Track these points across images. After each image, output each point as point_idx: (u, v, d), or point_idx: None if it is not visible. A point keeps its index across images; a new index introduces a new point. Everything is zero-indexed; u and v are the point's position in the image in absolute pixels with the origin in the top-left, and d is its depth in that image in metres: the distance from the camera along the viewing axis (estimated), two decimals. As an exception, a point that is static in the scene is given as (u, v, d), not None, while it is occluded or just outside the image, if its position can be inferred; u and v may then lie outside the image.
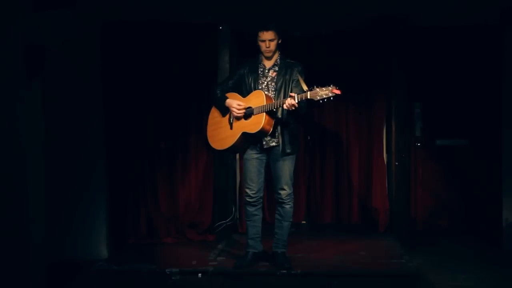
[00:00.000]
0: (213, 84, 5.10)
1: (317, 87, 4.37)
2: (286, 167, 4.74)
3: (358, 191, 6.32)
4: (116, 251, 5.58)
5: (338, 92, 4.33)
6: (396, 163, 5.84)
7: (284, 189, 4.77)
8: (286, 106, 4.45)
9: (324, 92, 4.33)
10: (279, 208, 4.84)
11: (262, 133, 4.61)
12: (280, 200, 4.81)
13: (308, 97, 4.38)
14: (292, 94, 4.47)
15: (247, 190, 4.86)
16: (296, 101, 4.42)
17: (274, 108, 4.57)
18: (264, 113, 4.56)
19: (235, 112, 4.70)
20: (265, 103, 4.57)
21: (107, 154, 5.79)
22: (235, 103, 4.72)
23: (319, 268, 4.83)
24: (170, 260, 5.09)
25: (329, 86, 4.34)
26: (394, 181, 5.93)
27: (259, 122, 4.59)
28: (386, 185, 6.23)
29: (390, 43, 5.93)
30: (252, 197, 4.85)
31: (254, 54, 4.92)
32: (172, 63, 5.97)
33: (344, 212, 6.33)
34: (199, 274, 4.71)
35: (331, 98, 4.35)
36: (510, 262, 5.27)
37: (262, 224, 5.02)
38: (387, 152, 6.25)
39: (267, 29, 4.67)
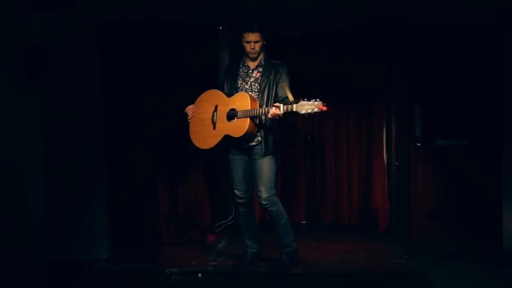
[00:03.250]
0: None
1: (303, 99, 4.29)
2: (264, 168, 4.62)
3: (358, 191, 6.32)
4: (116, 251, 5.58)
5: (324, 108, 4.26)
6: (396, 163, 5.84)
7: (260, 191, 4.62)
8: (271, 115, 4.40)
9: (310, 107, 4.25)
10: (267, 213, 4.80)
11: (245, 137, 4.57)
12: (261, 204, 4.68)
13: (294, 109, 4.31)
14: (277, 104, 4.40)
15: (236, 191, 4.82)
16: (282, 112, 4.36)
17: (258, 115, 4.50)
18: (248, 118, 4.50)
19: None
20: (249, 107, 4.49)
21: (108, 154, 5.80)
22: (188, 109, 4.86)
23: (319, 268, 4.83)
24: (170, 260, 5.08)
25: (316, 100, 4.26)
26: (394, 181, 5.93)
27: (242, 127, 4.52)
28: (386, 185, 6.23)
29: (390, 43, 5.93)
30: (241, 198, 4.80)
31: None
32: (172, 62, 5.97)
33: (344, 212, 6.32)
34: (199, 274, 4.71)
35: (317, 114, 4.29)
36: (510, 262, 5.27)
37: (262, 224, 5.02)
38: (387, 152, 6.25)
39: (252, 31, 4.59)
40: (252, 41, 4.63)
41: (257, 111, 4.48)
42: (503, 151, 5.77)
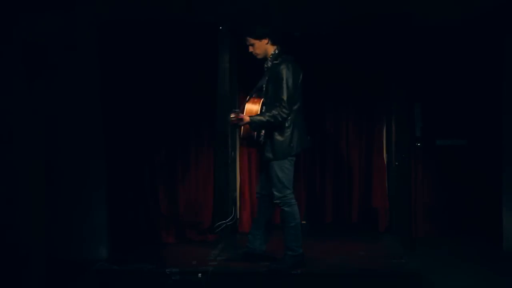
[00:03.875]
0: None
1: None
2: (272, 172, 4.71)
3: (358, 191, 6.32)
4: (116, 251, 5.58)
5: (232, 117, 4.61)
6: (396, 163, 5.84)
7: (273, 192, 4.73)
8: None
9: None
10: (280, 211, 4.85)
11: (244, 139, 4.81)
12: (275, 202, 4.79)
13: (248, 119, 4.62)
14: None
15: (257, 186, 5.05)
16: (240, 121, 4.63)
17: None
18: None
19: None
20: (245, 111, 4.73)
21: (107, 154, 5.79)
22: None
23: (319, 268, 4.83)
24: (170, 260, 5.09)
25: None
26: (394, 181, 5.93)
27: (240, 130, 4.80)
28: (386, 185, 6.23)
29: (390, 43, 5.92)
30: (257, 193, 4.98)
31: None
32: (171, 62, 5.97)
33: (344, 212, 6.33)
34: (199, 274, 4.71)
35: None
36: (510, 262, 5.27)
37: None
38: (387, 152, 6.25)
39: (244, 36, 4.77)
40: (248, 45, 4.76)
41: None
42: (503, 151, 5.76)
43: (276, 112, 4.55)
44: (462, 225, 6.12)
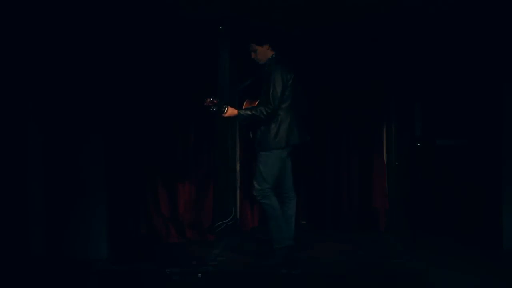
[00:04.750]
0: None
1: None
2: (257, 163, 4.94)
3: (358, 191, 6.32)
4: (116, 251, 5.58)
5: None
6: (396, 163, 5.83)
7: (253, 183, 4.94)
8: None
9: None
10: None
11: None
12: (254, 194, 4.94)
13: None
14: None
15: None
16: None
17: None
18: None
19: None
20: None
21: (107, 153, 5.78)
22: None
23: (319, 268, 4.84)
24: (170, 260, 5.09)
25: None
26: (394, 181, 5.93)
27: None
28: (386, 185, 6.23)
29: (389, 43, 5.92)
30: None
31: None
32: (170, 61, 5.96)
33: (344, 212, 6.33)
34: (199, 274, 4.71)
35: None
36: (510, 262, 5.27)
37: (262, 223, 5.05)
38: (387, 152, 6.24)
39: (249, 42, 4.98)
40: (251, 51, 5.00)
41: None
42: (503, 151, 5.75)
43: (262, 107, 4.82)
44: (462, 225, 6.11)
